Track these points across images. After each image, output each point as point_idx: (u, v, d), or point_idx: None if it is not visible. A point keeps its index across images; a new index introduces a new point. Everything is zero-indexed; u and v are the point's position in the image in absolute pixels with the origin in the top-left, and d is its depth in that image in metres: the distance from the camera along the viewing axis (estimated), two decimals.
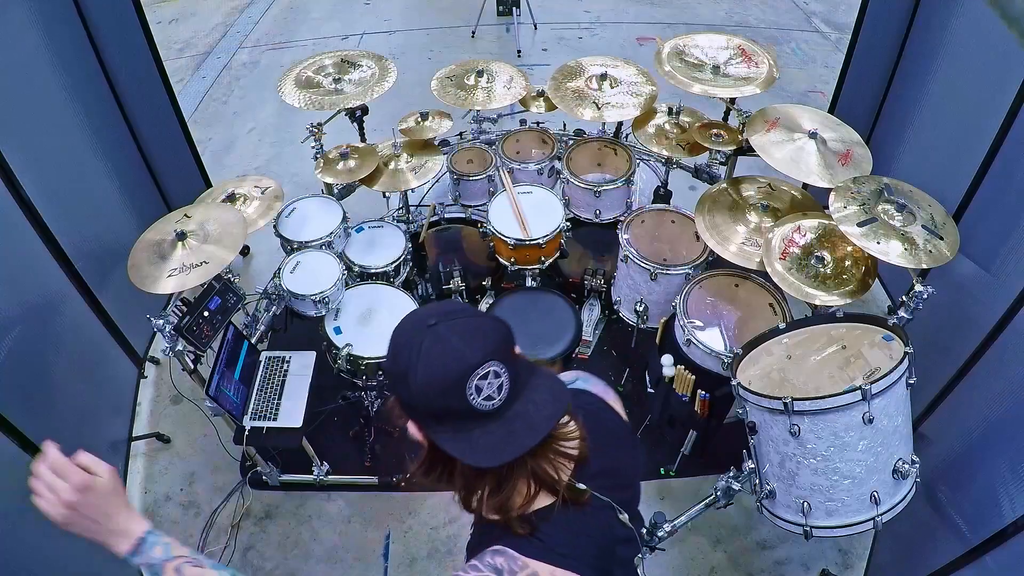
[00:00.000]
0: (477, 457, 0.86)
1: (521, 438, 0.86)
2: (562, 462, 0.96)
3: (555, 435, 0.94)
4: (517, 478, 0.92)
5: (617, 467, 1.08)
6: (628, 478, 1.12)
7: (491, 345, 0.85)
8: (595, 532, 1.00)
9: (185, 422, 2.88)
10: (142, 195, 3.12)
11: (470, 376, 0.83)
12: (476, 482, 0.93)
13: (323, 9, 6.03)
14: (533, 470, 0.92)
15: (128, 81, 2.91)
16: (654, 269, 2.59)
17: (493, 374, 0.84)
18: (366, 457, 2.68)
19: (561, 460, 0.96)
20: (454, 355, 0.84)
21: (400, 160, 2.76)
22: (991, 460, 1.87)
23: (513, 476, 0.91)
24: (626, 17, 5.78)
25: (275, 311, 2.56)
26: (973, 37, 2.52)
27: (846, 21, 5.15)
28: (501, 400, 0.85)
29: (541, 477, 0.93)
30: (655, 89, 2.88)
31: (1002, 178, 2.24)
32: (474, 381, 0.83)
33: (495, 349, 0.85)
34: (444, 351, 0.84)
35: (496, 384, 0.84)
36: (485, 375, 0.83)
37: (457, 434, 0.86)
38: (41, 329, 2.28)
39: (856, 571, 2.42)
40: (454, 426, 0.86)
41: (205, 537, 2.50)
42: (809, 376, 1.83)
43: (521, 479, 0.92)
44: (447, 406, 0.84)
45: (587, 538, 0.98)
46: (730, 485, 1.91)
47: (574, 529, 0.96)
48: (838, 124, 2.48)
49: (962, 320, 2.26)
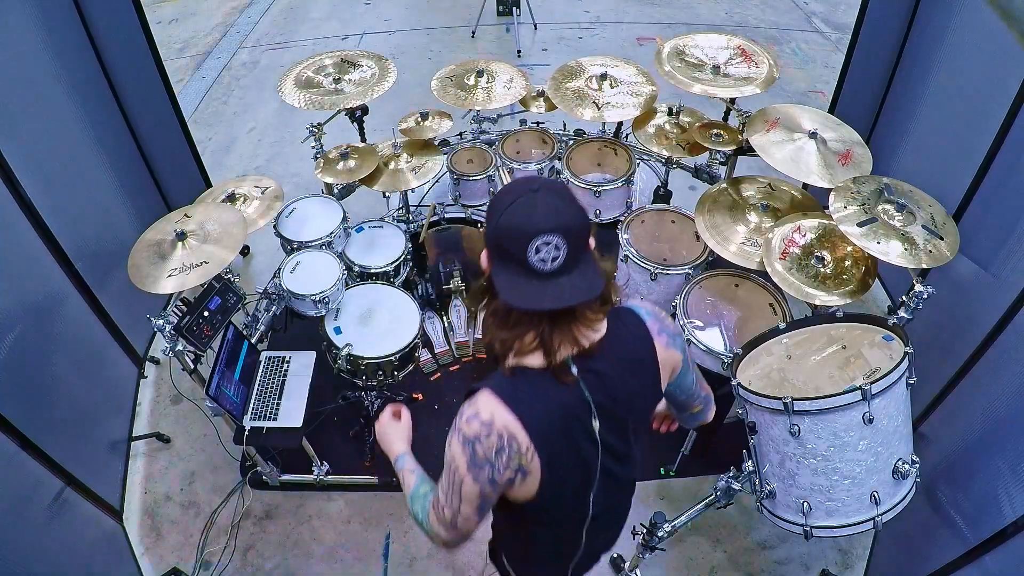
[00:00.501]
0: (511, 296, 1.05)
1: (548, 299, 1.04)
2: (570, 340, 1.10)
3: (577, 316, 1.10)
4: (528, 327, 1.09)
5: (617, 385, 1.18)
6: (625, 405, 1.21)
7: (564, 225, 1.02)
8: (560, 410, 1.13)
9: (185, 422, 2.88)
10: (142, 195, 3.12)
11: (535, 237, 1.01)
12: (502, 316, 1.11)
13: (323, 9, 6.03)
14: (543, 329, 1.08)
15: (128, 81, 2.91)
16: (654, 269, 2.59)
17: (554, 246, 1.02)
18: (366, 457, 2.68)
19: (570, 337, 1.10)
20: (532, 217, 1.02)
21: (400, 160, 2.76)
22: (991, 460, 1.87)
23: (527, 324, 1.09)
24: (626, 17, 5.78)
25: (275, 311, 2.56)
26: (973, 37, 2.52)
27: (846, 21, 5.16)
28: (551, 268, 1.03)
29: (545, 339, 1.09)
30: (655, 89, 2.88)
31: (1002, 178, 2.24)
32: (537, 242, 1.01)
33: (565, 230, 1.02)
34: (527, 211, 1.03)
35: (553, 254, 1.02)
36: (547, 242, 1.01)
37: (508, 274, 1.06)
38: (41, 329, 2.28)
39: (856, 571, 2.42)
40: (509, 268, 1.05)
41: (205, 537, 2.50)
42: (809, 376, 1.83)
43: (531, 331, 1.09)
44: (511, 250, 1.04)
45: (548, 408, 1.12)
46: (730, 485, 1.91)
47: (544, 395, 1.12)
48: (838, 124, 2.48)
49: (962, 320, 2.26)
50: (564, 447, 1.16)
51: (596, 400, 1.15)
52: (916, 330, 1.92)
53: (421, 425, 2.79)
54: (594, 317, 1.13)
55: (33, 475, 2.00)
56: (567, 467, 1.19)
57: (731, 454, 2.01)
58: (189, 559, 2.45)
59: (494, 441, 1.09)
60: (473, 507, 1.17)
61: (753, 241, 2.36)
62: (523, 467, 1.13)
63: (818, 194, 2.43)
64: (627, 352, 1.20)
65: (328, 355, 2.52)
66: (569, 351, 1.11)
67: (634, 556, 2.11)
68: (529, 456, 1.12)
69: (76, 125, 2.66)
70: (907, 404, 1.73)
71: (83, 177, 2.72)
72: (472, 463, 1.10)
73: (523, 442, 1.10)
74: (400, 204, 3.02)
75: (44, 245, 2.34)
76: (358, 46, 5.36)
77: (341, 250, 2.70)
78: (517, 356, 1.12)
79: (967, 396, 2.14)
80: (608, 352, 1.15)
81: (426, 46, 5.37)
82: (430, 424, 2.82)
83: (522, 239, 1.02)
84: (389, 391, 2.72)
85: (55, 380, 2.31)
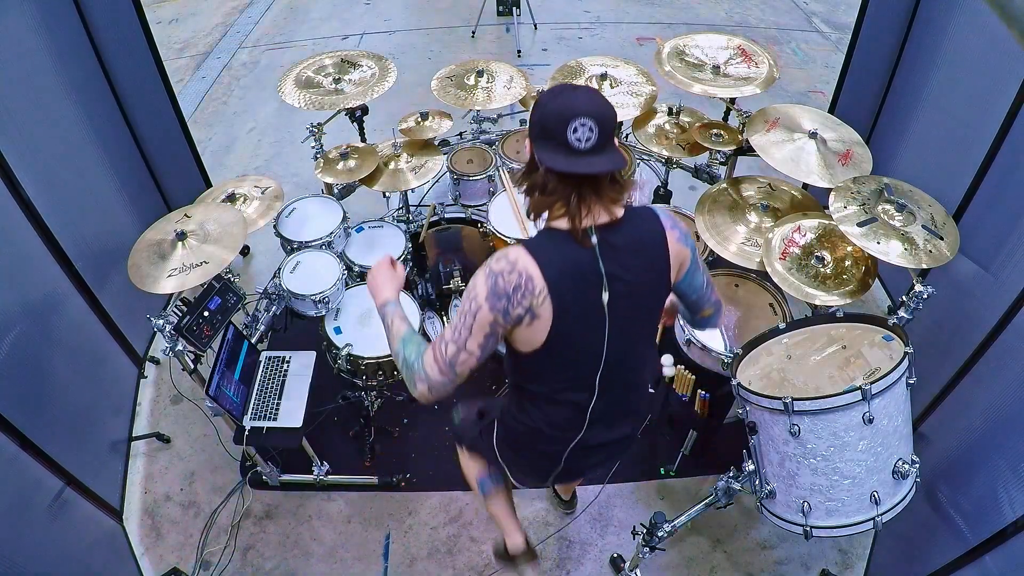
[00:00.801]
0: (553, 162, 1.27)
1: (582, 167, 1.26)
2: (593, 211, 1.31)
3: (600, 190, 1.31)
4: (560, 196, 1.30)
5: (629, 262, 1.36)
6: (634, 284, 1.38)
7: (597, 112, 1.26)
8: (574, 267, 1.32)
9: (185, 422, 2.88)
10: (142, 195, 3.12)
11: (574, 117, 1.24)
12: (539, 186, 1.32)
13: (323, 9, 6.03)
14: (571, 198, 1.29)
15: (128, 81, 2.91)
16: None
17: (588, 128, 1.24)
18: (366, 457, 2.68)
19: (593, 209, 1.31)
20: (572, 104, 1.26)
21: (400, 160, 2.76)
22: (991, 460, 1.87)
23: (559, 192, 1.30)
24: (626, 17, 5.78)
25: (275, 311, 2.56)
26: (973, 37, 2.52)
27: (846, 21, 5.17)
28: (585, 147, 1.25)
29: (572, 208, 1.29)
30: (655, 89, 2.88)
31: (1002, 178, 2.24)
32: (575, 122, 1.24)
33: (598, 116, 1.25)
34: (568, 100, 1.27)
35: (587, 135, 1.24)
36: (583, 124, 1.24)
37: (550, 151, 1.27)
38: (41, 329, 2.28)
39: (856, 571, 2.42)
40: (551, 146, 1.27)
41: (205, 537, 2.50)
42: (809, 376, 1.83)
43: (562, 199, 1.30)
44: (553, 130, 1.25)
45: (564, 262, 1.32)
46: (730, 485, 1.91)
47: (562, 251, 1.32)
48: (838, 124, 2.48)
49: (962, 320, 2.26)
50: (573, 301, 1.33)
51: (608, 271, 1.33)
52: (916, 330, 1.92)
53: (421, 425, 2.82)
54: (615, 196, 1.33)
55: (33, 475, 2.00)
56: (574, 325, 1.35)
57: (731, 454, 2.01)
58: (189, 559, 2.45)
59: (514, 278, 1.29)
60: (478, 342, 1.33)
61: (753, 241, 2.36)
62: (533, 309, 1.30)
63: (818, 194, 2.43)
64: (640, 236, 1.39)
65: (328, 355, 2.52)
66: (591, 222, 1.31)
67: (634, 556, 2.11)
68: (541, 299, 1.30)
69: (76, 125, 2.66)
70: (907, 404, 1.73)
71: (83, 177, 2.72)
72: (492, 292, 1.29)
73: (538, 285, 1.29)
74: (400, 204, 3.02)
75: (44, 245, 2.34)
76: (358, 46, 5.36)
77: (341, 250, 2.70)
78: (548, 220, 1.35)
79: (967, 396, 2.14)
80: (624, 232, 1.35)
81: (426, 46, 5.37)
82: (430, 424, 2.83)
83: (563, 121, 1.24)
84: (389, 391, 2.72)
85: (55, 380, 2.31)
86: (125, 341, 2.87)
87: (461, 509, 2.59)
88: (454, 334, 1.35)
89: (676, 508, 2.45)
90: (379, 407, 2.70)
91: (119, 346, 2.84)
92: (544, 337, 1.34)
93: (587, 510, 2.57)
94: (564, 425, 1.53)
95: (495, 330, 1.33)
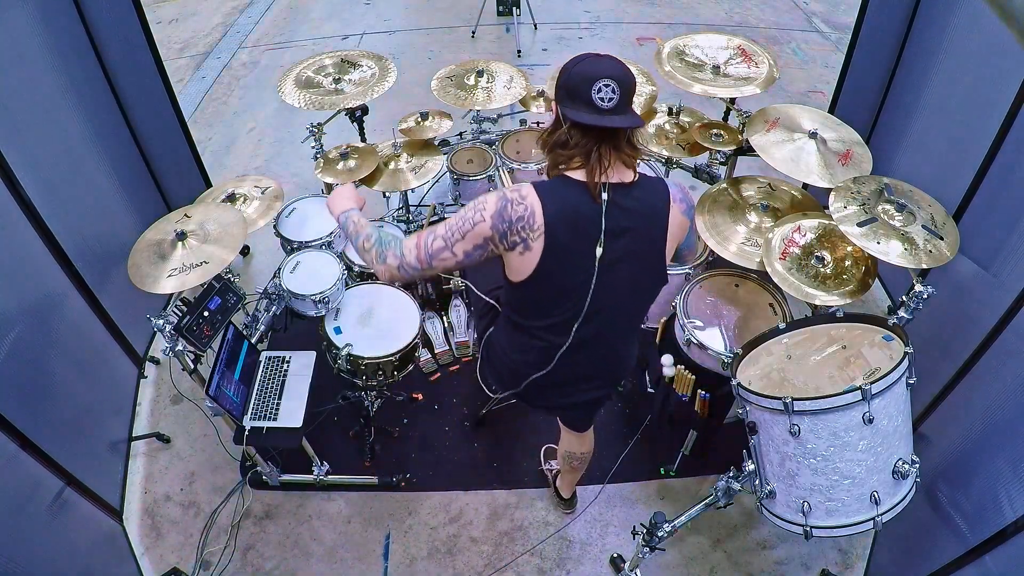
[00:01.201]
0: (578, 116, 1.41)
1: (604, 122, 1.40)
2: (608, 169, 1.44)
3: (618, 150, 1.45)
4: (582, 149, 1.44)
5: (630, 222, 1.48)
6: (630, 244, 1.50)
7: (619, 76, 1.40)
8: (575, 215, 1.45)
9: (185, 422, 2.88)
10: (142, 195, 3.12)
11: (599, 79, 1.38)
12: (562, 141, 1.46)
13: (323, 9, 6.03)
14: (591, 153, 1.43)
15: (128, 81, 2.91)
16: None
17: (612, 89, 1.39)
18: (366, 457, 2.68)
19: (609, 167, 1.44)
20: (597, 68, 1.41)
21: (400, 160, 2.76)
22: (991, 460, 1.87)
23: (581, 147, 1.44)
24: (626, 17, 5.78)
25: (275, 311, 2.56)
26: (973, 37, 2.52)
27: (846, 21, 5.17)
28: (607, 106, 1.39)
29: (592, 163, 1.44)
30: (655, 89, 2.88)
31: (1002, 178, 2.24)
32: (600, 83, 1.38)
33: (620, 79, 1.40)
34: (594, 65, 1.42)
35: (610, 96, 1.39)
36: (608, 85, 1.38)
37: (575, 110, 1.42)
38: (41, 329, 2.28)
39: (856, 571, 2.42)
40: (577, 105, 1.41)
41: (205, 537, 2.50)
42: (809, 376, 1.83)
43: (581, 155, 1.44)
44: (580, 90, 1.40)
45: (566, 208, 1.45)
46: (730, 485, 1.91)
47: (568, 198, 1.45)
48: (838, 124, 2.48)
49: (962, 320, 2.26)
50: (565, 245, 1.46)
51: (608, 227, 1.45)
52: (916, 330, 1.92)
53: (421, 425, 2.82)
54: (630, 155, 1.48)
55: (33, 475, 2.00)
56: (561, 267, 1.49)
57: (731, 454, 2.01)
58: (189, 559, 2.45)
59: (520, 210, 1.44)
60: (465, 249, 1.49)
61: (753, 241, 2.36)
62: (528, 241, 1.45)
63: (818, 194, 2.43)
64: (649, 202, 1.51)
65: (328, 355, 2.52)
66: (606, 178, 1.44)
67: (634, 556, 2.11)
68: (536, 234, 1.44)
69: (76, 125, 2.66)
70: (907, 404, 1.73)
71: (83, 177, 2.72)
72: (499, 213, 1.45)
73: (538, 221, 1.44)
74: (400, 204, 3.02)
75: (44, 245, 2.34)
76: (358, 46, 5.36)
77: (341, 250, 2.70)
78: (566, 170, 1.48)
79: (967, 396, 2.14)
80: (633, 196, 1.48)
81: (426, 46, 5.38)
82: (430, 424, 2.83)
83: (588, 81, 1.38)
84: (389, 391, 2.72)
85: (55, 380, 2.31)
86: (125, 341, 2.87)
87: (461, 509, 2.59)
88: (447, 232, 1.49)
89: (676, 508, 2.45)
90: (379, 407, 2.70)
91: (119, 346, 2.84)
92: (532, 270, 1.48)
93: (587, 510, 2.57)
94: (532, 360, 1.69)
95: (487, 245, 1.48)
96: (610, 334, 1.66)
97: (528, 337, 1.66)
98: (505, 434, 2.80)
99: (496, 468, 2.70)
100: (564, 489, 2.53)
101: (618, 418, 2.84)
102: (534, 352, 1.67)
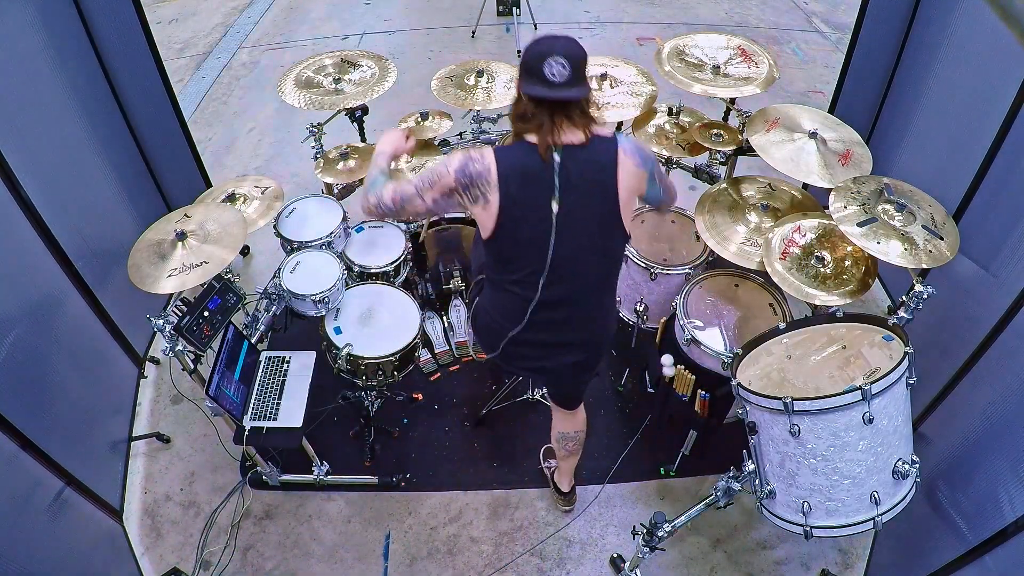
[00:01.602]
0: (532, 90, 1.58)
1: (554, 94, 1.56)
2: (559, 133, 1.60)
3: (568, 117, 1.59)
4: (536, 120, 1.59)
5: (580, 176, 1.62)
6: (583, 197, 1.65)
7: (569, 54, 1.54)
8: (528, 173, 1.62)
9: (185, 422, 2.88)
10: (142, 195, 3.12)
11: (550, 56, 1.53)
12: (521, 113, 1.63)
13: (323, 9, 6.03)
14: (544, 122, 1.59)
15: (128, 81, 2.91)
16: (654, 269, 2.59)
17: (561, 65, 1.53)
18: (366, 457, 2.68)
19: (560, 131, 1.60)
20: (551, 45, 1.54)
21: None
22: (991, 460, 1.87)
23: (537, 118, 1.59)
24: (626, 17, 5.78)
25: (275, 311, 2.56)
26: (973, 37, 2.52)
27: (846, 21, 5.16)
28: (558, 80, 1.54)
29: (546, 130, 1.59)
30: (655, 89, 2.88)
31: (1002, 178, 2.24)
32: (550, 60, 1.53)
33: (569, 56, 1.54)
34: (549, 43, 1.55)
35: (560, 72, 1.53)
36: (558, 62, 1.53)
37: (531, 84, 1.58)
38: (41, 329, 2.28)
39: (856, 571, 2.42)
40: (532, 81, 1.57)
41: (205, 537, 2.50)
42: (809, 376, 1.83)
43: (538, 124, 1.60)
44: (534, 67, 1.55)
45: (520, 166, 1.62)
46: (730, 485, 1.91)
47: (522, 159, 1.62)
48: (838, 124, 2.48)
49: (962, 320, 2.26)
50: (519, 199, 1.62)
51: (561, 183, 1.60)
52: (916, 330, 1.92)
53: (421, 425, 2.82)
54: (580, 121, 1.61)
55: (33, 475, 2.00)
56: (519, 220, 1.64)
57: (731, 454, 2.01)
58: (189, 559, 2.45)
59: (478, 167, 1.62)
60: (433, 197, 1.68)
61: (753, 241, 2.36)
62: (485, 195, 1.62)
63: (818, 194, 2.43)
64: (596, 158, 1.64)
65: (328, 355, 2.52)
66: (559, 141, 1.59)
67: (634, 556, 2.11)
68: (491, 188, 1.61)
69: (76, 125, 2.66)
70: (907, 404, 1.73)
71: (83, 177, 2.72)
72: (460, 170, 1.63)
73: (493, 179, 1.61)
74: None
75: (44, 245, 2.34)
76: (358, 46, 5.36)
77: (341, 250, 2.70)
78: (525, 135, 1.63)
79: (967, 396, 2.14)
80: (584, 153, 1.62)
81: (426, 46, 5.37)
82: (430, 424, 2.83)
83: (541, 59, 1.53)
84: (389, 391, 2.72)
85: (55, 380, 2.31)
86: (125, 341, 2.87)
87: (461, 509, 2.59)
88: (419, 181, 1.69)
89: (676, 508, 2.45)
90: (379, 407, 2.70)
91: (119, 346, 2.84)
92: (494, 224, 1.64)
93: (587, 510, 2.57)
94: (506, 314, 1.81)
95: (452, 196, 1.66)
96: (581, 296, 1.78)
97: (502, 293, 1.80)
98: (505, 434, 2.80)
99: (496, 468, 2.70)
100: (562, 481, 2.53)
101: (618, 418, 2.84)
102: (509, 307, 1.80)
